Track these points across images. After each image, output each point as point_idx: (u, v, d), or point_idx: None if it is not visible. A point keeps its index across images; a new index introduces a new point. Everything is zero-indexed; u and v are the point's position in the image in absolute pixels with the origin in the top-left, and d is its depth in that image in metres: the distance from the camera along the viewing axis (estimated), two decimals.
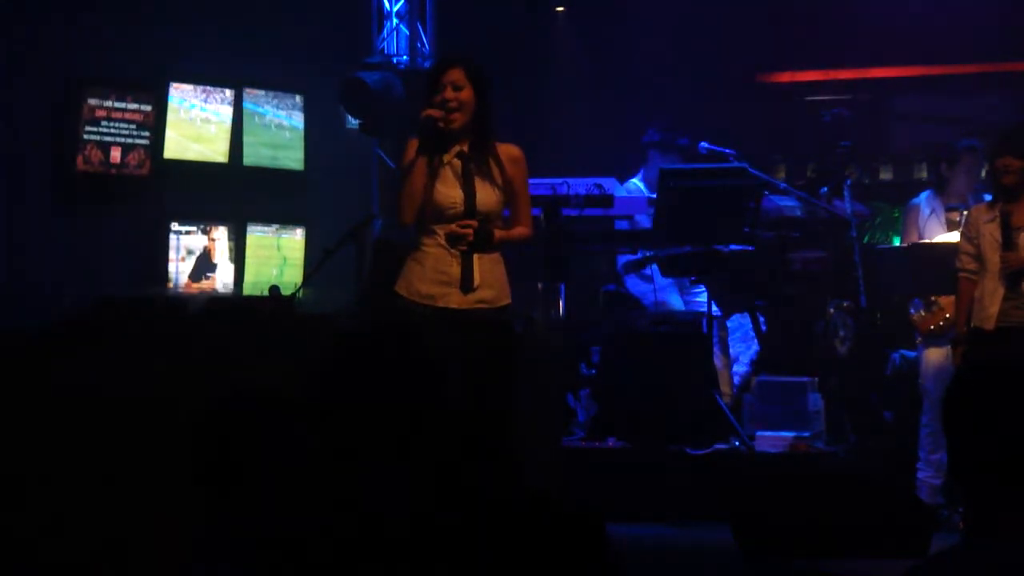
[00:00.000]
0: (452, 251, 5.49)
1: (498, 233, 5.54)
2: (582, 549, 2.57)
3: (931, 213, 7.68)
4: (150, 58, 8.60)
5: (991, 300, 6.53)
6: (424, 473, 2.64)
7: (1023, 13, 9.89)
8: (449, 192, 5.49)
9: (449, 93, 5.48)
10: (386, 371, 2.64)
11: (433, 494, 2.60)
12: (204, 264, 8.81)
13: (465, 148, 5.54)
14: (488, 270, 5.52)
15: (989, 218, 6.64)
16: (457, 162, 5.51)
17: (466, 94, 5.49)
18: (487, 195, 5.50)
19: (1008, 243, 6.53)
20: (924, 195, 7.82)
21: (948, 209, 7.59)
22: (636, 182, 8.86)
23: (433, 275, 5.50)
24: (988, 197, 6.95)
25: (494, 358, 5.51)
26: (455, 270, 5.48)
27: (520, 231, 5.65)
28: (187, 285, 8.67)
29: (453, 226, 5.48)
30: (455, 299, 5.49)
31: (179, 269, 8.65)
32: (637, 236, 8.56)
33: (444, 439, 2.66)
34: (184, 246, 8.69)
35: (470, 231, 5.46)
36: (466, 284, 5.48)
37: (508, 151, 5.59)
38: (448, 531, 2.51)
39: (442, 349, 5.34)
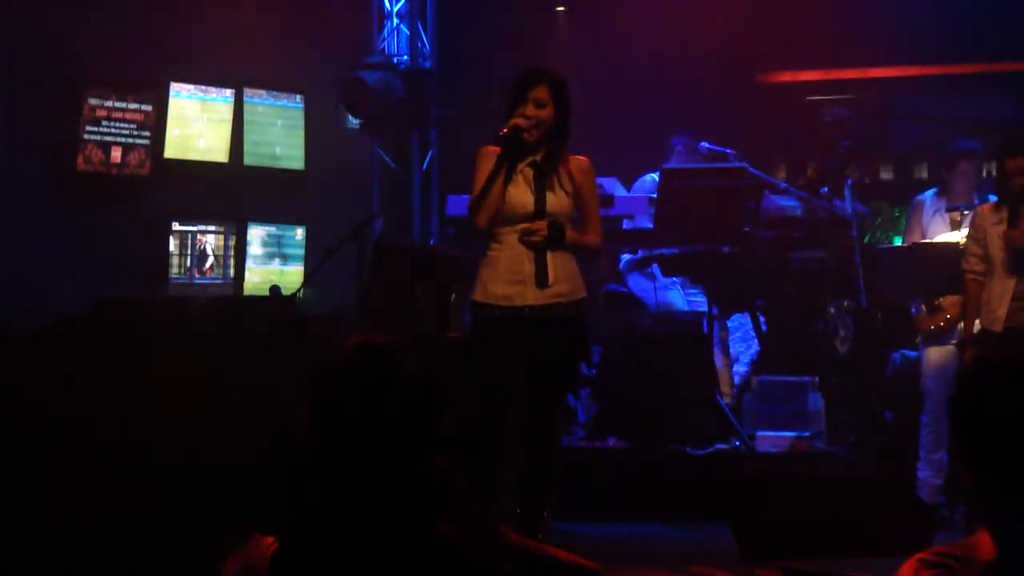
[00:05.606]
0: (525, 251, 5.57)
1: (570, 233, 5.62)
2: None
3: (935, 211, 7.67)
4: (150, 58, 8.59)
5: (999, 302, 6.52)
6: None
7: (1023, 13, 9.88)
8: (520, 196, 5.58)
9: (531, 110, 5.57)
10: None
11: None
12: (204, 264, 8.80)
13: (538, 159, 5.62)
14: (561, 266, 5.62)
15: (996, 220, 6.58)
16: (528, 170, 5.61)
17: (547, 112, 5.59)
18: (556, 200, 5.60)
19: (1014, 222, 6.46)
20: (929, 193, 7.79)
21: (949, 209, 7.57)
22: (655, 177, 8.80)
23: (507, 276, 5.59)
24: (992, 198, 6.89)
25: (564, 357, 5.68)
26: (529, 268, 5.57)
27: (592, 238, 5.72)
28: (187, 285, 8.66)
29: (526, 224, 5.56)
30: (531, 295, 5.58)
31: (179, 269, 8.64)
32: (638, 236, 8.56)
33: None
34: (184, 246, 8.69)
35: (543, 225, 5.54)
36: (541, 280, 5.57)
37: (578, 162, 5.70)
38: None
39: (514, 352, 5.54)
